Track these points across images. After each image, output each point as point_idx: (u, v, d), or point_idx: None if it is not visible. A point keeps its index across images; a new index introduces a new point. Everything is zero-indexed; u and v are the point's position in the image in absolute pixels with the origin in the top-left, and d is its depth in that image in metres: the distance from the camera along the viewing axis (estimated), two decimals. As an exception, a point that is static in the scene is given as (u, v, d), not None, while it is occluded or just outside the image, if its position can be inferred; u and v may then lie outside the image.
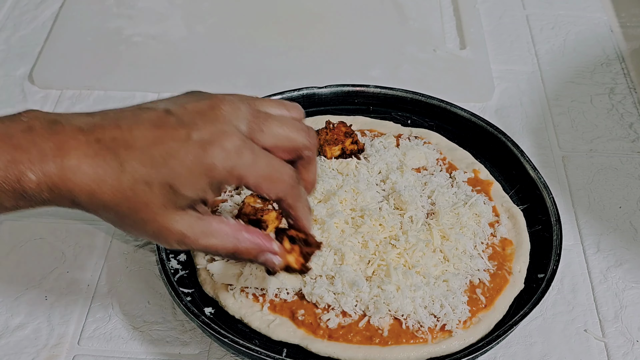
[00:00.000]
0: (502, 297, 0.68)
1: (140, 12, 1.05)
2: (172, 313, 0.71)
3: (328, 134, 0.78)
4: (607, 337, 0.70)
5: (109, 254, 0.76)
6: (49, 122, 0.52)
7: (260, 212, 0.71)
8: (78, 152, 0.51)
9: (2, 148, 0.50)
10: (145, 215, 0.52)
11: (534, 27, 1.07)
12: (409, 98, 0.86)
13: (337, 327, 0.65)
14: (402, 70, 0.97)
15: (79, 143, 0.51)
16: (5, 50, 1.00)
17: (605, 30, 1.06)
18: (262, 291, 0.67)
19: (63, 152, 0.50)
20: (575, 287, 0.74)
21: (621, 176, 0.85)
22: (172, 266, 0.71)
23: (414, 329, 0.65)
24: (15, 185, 0.50)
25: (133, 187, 0.51)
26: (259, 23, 1.04)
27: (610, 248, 0.78)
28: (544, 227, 0.74)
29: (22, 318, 0.70)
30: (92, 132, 0.52)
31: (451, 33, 1.04)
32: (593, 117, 0.92)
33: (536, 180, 0.76)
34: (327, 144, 0.78)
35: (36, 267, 0.75)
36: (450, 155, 0.81)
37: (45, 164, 0.50)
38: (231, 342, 0.62)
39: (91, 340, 0.69)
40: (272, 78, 0.95)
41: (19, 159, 0.50)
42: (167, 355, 0.68)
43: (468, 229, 0.72)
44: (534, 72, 0.99)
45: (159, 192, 0.52)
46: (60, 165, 0.50)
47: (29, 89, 0.95)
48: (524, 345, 0.69)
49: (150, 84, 0.95)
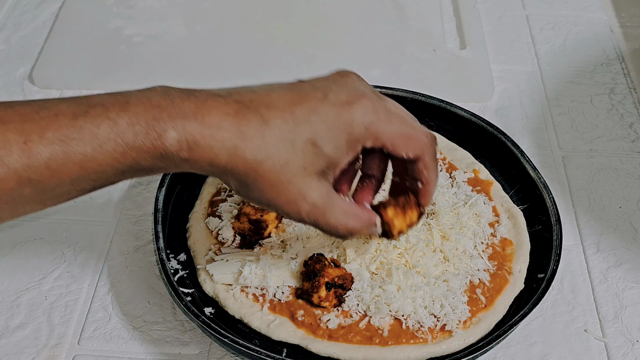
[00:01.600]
0: (502, 297, 0.68)
1: (140, 12, 1.05)
2: (172, 313, 0.71)
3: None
4: (607, 337, 0.70)
5: (109, 254, 0.76)
6: (183, 89, 0.52)
7: (260, 212, 0.71)
8: (218, 110, 0.51)
9: (142, 107, 0.50)
10: (284, 177, 0.52)
11: (534, 27, 1.07)
12: (409, 98, 0.86)
13: (337, 327, 0.65)
14: (402, 70, 0.97)
15: (219, 103, 0.51)
16: (5, 50, 1.01)
17: (605, 30, 1.06)
18: (262, 291, 0.68)
19: (203, 110, 0.50)
20: (575, 287, 0.74)
21: (621, 176, 0.85)
22: (172, 266, 0.71)
23: (414, 329, 0.65)
24: (155, 142, 0.49)
25: (276, 144, 0.51)
26: (259, 23, 1.04)
27: (610, 248, 0.78)
28: (544, 227, 0.74)
29: (22, 318, 0.70)
30: (230, 94, 0.52)
31: (451, 33, 1.04)
32: (593, 117, 0.92)
33: (536, 180, 0.76)
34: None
35: (36, 267, 0.75)
36: (450, 155, 0.81)
37: (186, 120, 0.50)
38: (231, 342, 0.62)
39: (91, 340, 0.69)
40: (272, 78, 0.94)
41: (159, 117, 0.49)
42: (167, 355, 0.68)
43: (468, 229, 0.72)
44: (534, 72, 0.99)
45: (301, 151, 0.52)
46: (202, 122, 0.50)
47: (29, 89, 0.95)
48: (524, 345, 0.69)
49: (150, 84, 0.94)
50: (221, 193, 0.76)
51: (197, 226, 0.73)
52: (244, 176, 0.52)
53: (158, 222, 0.70)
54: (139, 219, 0.79)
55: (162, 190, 0.73)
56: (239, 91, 0.53)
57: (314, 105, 0.53)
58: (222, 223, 0.73)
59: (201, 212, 0.75)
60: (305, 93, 0.54)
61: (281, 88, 0.54)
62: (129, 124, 0.49)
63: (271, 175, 0.52)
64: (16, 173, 0.47)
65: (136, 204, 0.81)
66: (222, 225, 0.72)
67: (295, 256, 0.69)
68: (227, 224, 0.72)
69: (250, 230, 0.71)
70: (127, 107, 0.49)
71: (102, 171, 0.49)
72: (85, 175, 0.49)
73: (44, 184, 0.48)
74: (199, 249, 0.71)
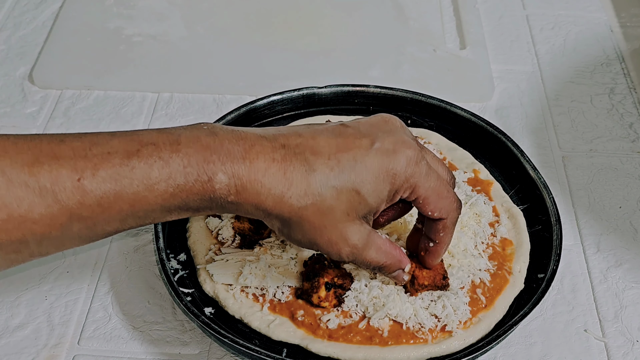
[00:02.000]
0: (502, 297, 0.68)
1: (140, 12, 1.05)
2: (172, 313, 0.71)
3: None
4: (607, 337, 0.70)
5: (109, 254, 0.76)
6: (228, 129, 0.52)
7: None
8: (265, 156, 0.51)
9: (194, 148, 0.50)
10: (327, 221, 0.53)
11: (534, 27, 1.07)
12: (409, 98, 0.86)
13: (337, 327, 0.65)
14: (402, 70, 0.97)
15: (265, 148, 0.52)
16: (5, 50, 1.01)
17: (605, 30, 1.06)
18: (262, 291, 0.68)
19: (251, 155, 0.51)
20: (575, 287, 0.74)
21: (621, 176, 0.85)
22: (172, 266, 0.71)
23: (415, 329, 0.65)
24: (206, 185, 0.50)
25: (322, 191, 0.52)
26: (259, 23, 1.04)
27: (610, 248, 0.78)
28: (544, 227, 0.74)
29: (22, 318, 0.70)
30: (276, 139, 0.53)
31: (451, 33, 1.04)
32: (593, 117, 0.92)
33: (536, 180, 0.76)
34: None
35: (36, 267, 0.75)
36: (450, 155, 0.81)
37: (236, 164, 0.50)
38: (231, 342, 0.62)
39: (91, 340, 0.69)
40: (272, 78, 0.95)
41: (209, 159, 0.50)
42: (167, 355, 0.68)
43: (469, 228, 0.72)
44: (534, 72, 0.99)
45: (346, 198, 0.53)
46: (249, 168, 0.50)
47: (29, 89, 0.95)
48: (524, 345, 0.69)
49: (150, 84, 0.95)
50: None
51: (197, 226, 0.73)
52: (287, 220, 0.53)
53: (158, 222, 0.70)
54: (139, 219, 0.79)
55: (162, 190, 0.73)
56: (285, 134, 0.53)
57: (360, 154, 0.53)
58: (222, 223, 0.72)
59: (201, 212, 0.75)
60: (351, 140, 0.54)
61: (327, 132, 0.55)
62: (180, 166, 0.49)
63: (315, 220, 0.53)
64: (69, 210, 0.48)
65: (136, 204, 0.80)
66: (222, 225, 0.72)
67: (295, 256, 0.69)
68: (227, 224, 0.72)
69: (250, 230, 0.71)
70: (178, 148, 0.50)
71: (151, 210, 0.50)
72: (134, 214, 0.50)
73: (93, 220, 0.49)
74: (199, 249, 0.71)
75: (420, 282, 0.65)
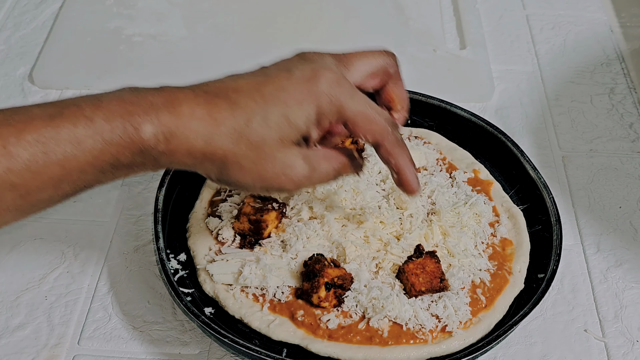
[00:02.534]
0: (502, 297, 0.68)
1: (140, 12, 1.05)
2: (172, 313, 0.71)
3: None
4: (607, 337, 0.70)
5: (109, 254, 0.76)
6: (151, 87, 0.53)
7: (260, 212, 0.71)
8: (189, 101, 0.52)
9: (116, 103, 0.50)
10: (264, 153, 0.53)
11: (534, 27, 1.07)
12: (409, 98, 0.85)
13: (337, 327, 0.65)
14: (402, 70, 0.97)
15: (188, 95, 0.52)
16: (5, 50, 1.01)
17: (605, 30, 1.06)
18: (262, 291, 0.67)
19: (174, 102, 0.52)
20: (575, 287, 0.74)
21: (621, 176, 0.85)
22: (172, 266, 0.71)
23: (415, 329, 0.65)
24: (133, 136, 0.50)
25: (248, 123, 0.52)
26: (259, 23, 1.04)
27: (610, 248, 0.78)
28: (544, 227, 0.74)
29: (22, 318, 0.70)
30: (198, 87, 0.54)
31: (451, 33, 1.04)
32: (593, 117, 0.92)
33: (536, 180, 0.76)
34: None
35: (36, 267, 0.75)
36: (450, 155, 0.81)
37: (160, 113, 0.51)
38: (231, 342, 0.62)
39: (91, 340, 0.69)
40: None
41: (133, 111, 0.50)
42: (167, 355, 0.68)
43: (469, 228, 0.72)
44: (534, 72, 0.99)
45: (275, 125, 0.53)
46: (174, 113, 0.51)
47: (29, 89, 0.95)
48: (524, 345, 0.69)
49: (150, 84, 0.94)
50: (221, 193, 0.76)
51: (197, 226, 0.73)
52: (223, 161, 0.53)
53: (158, 222, 0.70)
54: (139, 219, 0.79)
55: (162, 190, 0.73)
56: (206, 83, 0.55)
57: (281, 83, 0.54)
58: (222, 223, 0.72)
59: (201, 212, 0.75)
60: (271, 75, 0.55)
61: (247, 74, 0.56)
62: (105, 121, 0.49)
63: (250, 153, 0.53)
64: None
65: (136, 204, 0.80)
66: (222, 225, 0.72)
67: (295, 256, 0.69)
68: (227, 224, 0.72)
69: (250, 230, 0.71)
70: (100, 105, 0.50)
71: (82, 170, 0.50)
72: (66, 176, 0.49)
73: (26, 187, 0.48)
74: (199, 249, 0.71)
75: (417, 288, 0.65)
